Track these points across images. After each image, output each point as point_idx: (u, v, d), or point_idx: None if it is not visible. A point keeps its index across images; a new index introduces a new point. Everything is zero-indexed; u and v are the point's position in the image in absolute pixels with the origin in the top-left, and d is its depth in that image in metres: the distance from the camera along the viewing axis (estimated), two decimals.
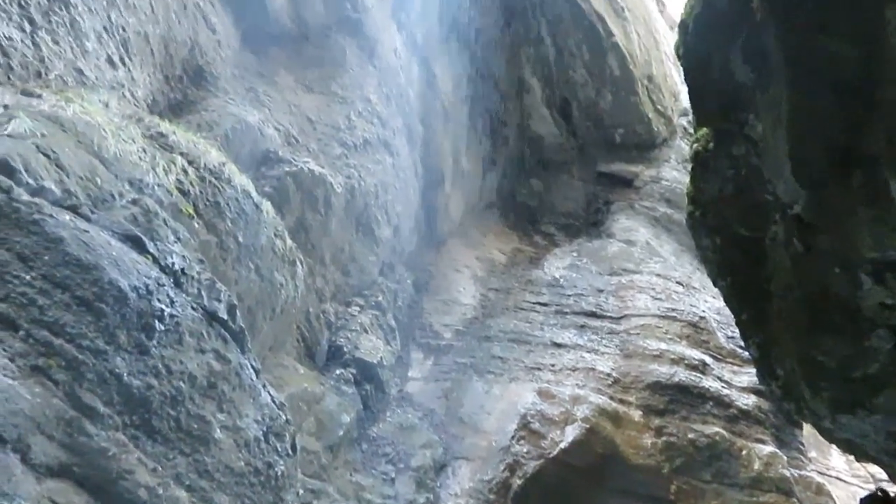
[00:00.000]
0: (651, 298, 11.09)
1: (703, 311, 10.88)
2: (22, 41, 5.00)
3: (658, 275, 11.82)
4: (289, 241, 6.98)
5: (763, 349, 5.13)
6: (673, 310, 10.81)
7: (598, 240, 13.14)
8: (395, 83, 10.38)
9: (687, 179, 5.43)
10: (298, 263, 7.15)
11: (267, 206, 6.59)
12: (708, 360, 10.01)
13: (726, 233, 4.95)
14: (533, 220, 14.44)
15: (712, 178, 4.82)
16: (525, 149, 15.12)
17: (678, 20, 4.61)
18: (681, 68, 4.85)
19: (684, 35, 4.27)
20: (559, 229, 14.15)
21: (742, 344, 6.96)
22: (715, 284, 5.56)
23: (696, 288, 11.69)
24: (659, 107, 15.30)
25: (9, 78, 4.89)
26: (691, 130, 9.83)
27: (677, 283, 11.78)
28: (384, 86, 10.02)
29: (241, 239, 6.02)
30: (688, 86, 4.65)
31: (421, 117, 11.20)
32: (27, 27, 5.01)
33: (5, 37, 4.84)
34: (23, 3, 5.02)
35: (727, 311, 5.96)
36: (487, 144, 13.74)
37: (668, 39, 16.19)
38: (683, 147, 14.62)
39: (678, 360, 9.80)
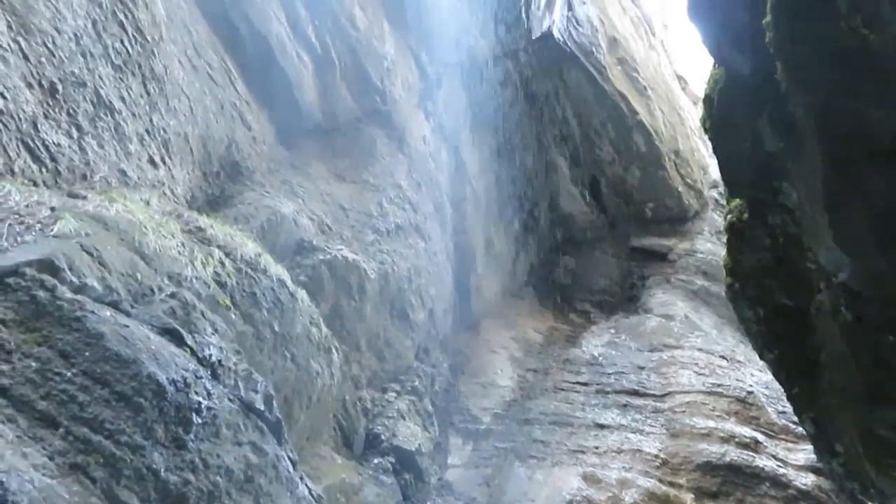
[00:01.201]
0: (695, 374, 10.76)
1: (751, 386, 10.50)
2: (69, 147, 5.25)
3: (700, 349, 11.51)
4: (324, 329, 6.98)
5: (819, 424, 4.88)
6: (719, 385, 10.45)
7: (636, 315, 12.93)
8: (425, 169, 10.60)
9: (722, 251, 5.36)
10: (334, 351, 7.13)
11: (302, 294, 6.64)
12: (760, 437, 9.57)
13: (769, 303, 4.82)
14: (568, 297, 14.31)
15: (749, 248, 4.75)
16: (556, 227, 15.17)
17: (701, 95, 4.66)
18: (708, 142, 4.87)
19: (710, 109, 4.30)
20: (595, 306, 13.99)
21: (796, 419, 6.65)
22: (761, 357, 5.37)
23: (740, 362, 11.33)
24: (688, 180, 15.34)
25: (56, 182, 5.11)
26: (723, 202, 9.76)
27: (721, 357, 11.44)
28: (414, 172, 10.23)
29: (277, 328, 6.04)
30: (717, 158, 4.65)
31: (451, 201, 11.36)
32: (75, 133, 5.27)
33: (54, 143, 5.09)
34: (71, 111, 5.30)
35: (776, 385, 5.73)
36: (518, 225, 13.83)
37: (693, 114, 16.40)
38: (716, 219, 14.54)
39: (728, 439, 9.39)
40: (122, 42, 5.92)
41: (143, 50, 6.17)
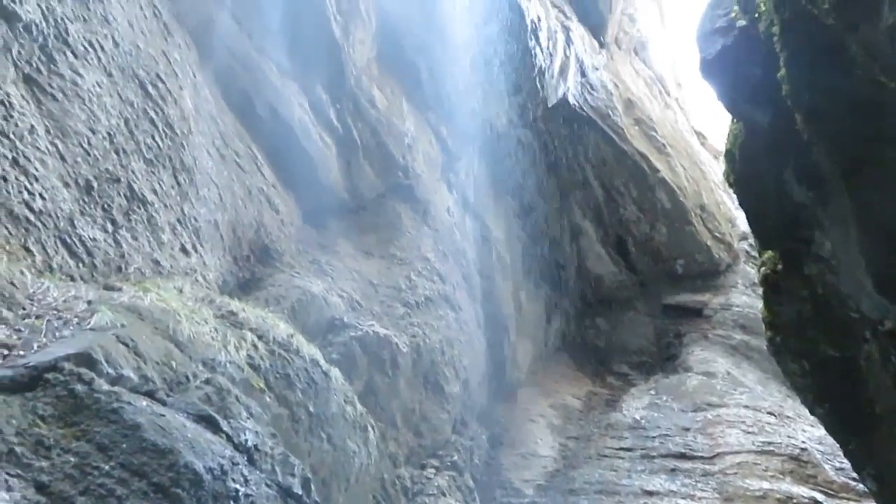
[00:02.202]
0: (743, 433, 10.37)
1: (804, 443, 10.06)
2: (105, 240, 5.40)
3: (746, 406, 11.13)
4: (359, 407, 6.91)
5: (882, 481, 4.64)
6: (769, 443, 10.03)
7: (676, 375, 12.61)
8: (451, 240, 10.67)
9: (759, 304, 5.25)
10: (370, 429, 7.02)
11: (335, 373, 6.61)
12: (819, 496, 9.09)
13: (814, 356, 4.67)
14: (604, 360, 14.05)
15: (787, 300, 4.64)
16: (586, 289, 15.05)
17: (721, 149, 4.67)
18: (733, 194, 4.85)
19: (732, 164, 4.30)
20: (632, 368, 13.69)
21: (855, 476, 6.33)
22: (812, 412, 5.17)
23: (790, 417, 10.91)
24: (716, 234, 15.22)
25: (93, 275, 5.23)
26: (754, 254, 9.61)
27: (768, 413, 11.04)
28: (440, 244, 10.30)
29: (311, 409, 5.99)
30: (745, 212, 4.61)
31: (479, 270, 11.37)
32: (110, 228, 5.42)
33: (90, 238, 5.24)
34: (106, 206, 5.48)
35: (831, 440, 5.49)
36: (547, 289, 13.75)
37: (715, 168, 16.41)
38: (749, 271, 14.32)
39: (786, 500, 8.94)
40: (153, 137, 6.15)
41: (173, 143, 6.41)
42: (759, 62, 3.33)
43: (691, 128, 19.13)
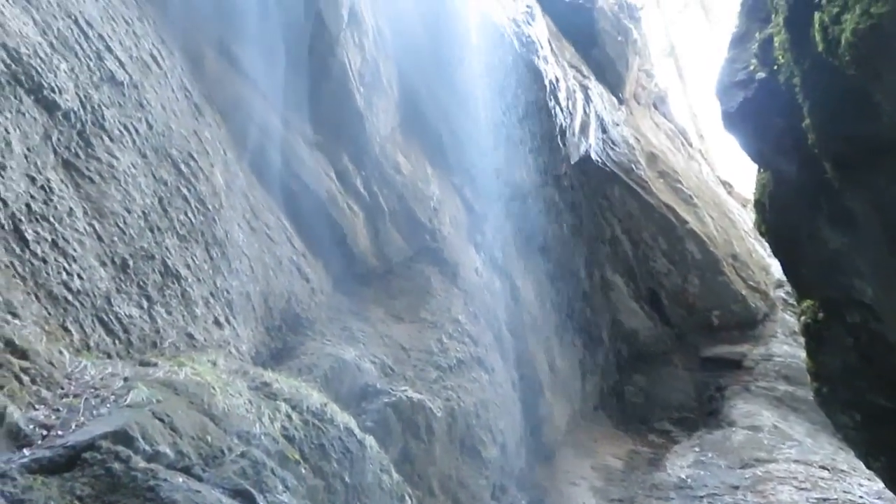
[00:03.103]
0: (795, 489, 9.91)
1: (861, 497, 9.58)
2: (140, 317, 5.47)
3: (797, 461, 10.68)
4: (395, 475, 6.77)
5: None
6: (825, 500, 9.57)
7: (720, 430, 12.19)
8: (481, 301, 10.63)
9: (801, 353, 5.11)
10: (407, 498, 6.86)
11: (370, 440, 6.52)
12: None
13: (864, 407, 4.49)
14: (644, 418, 13.66)
15: (831, 350, 4.50)
16: (620, 345, 14.79)
17: (749, 196, 4.64)
18: (765, 243, 4.78)
19: (762, 213, 4.25)
20: (674, 424, 13.28)
21: None
22: (868, 466, 4.94)
23: (844, 471, 10.42)
24: (751, 283, 14.95)
25: (129, 351, 5.29)
26: (792, 302, 9.38)
27: (821, 467, 10.57)
28: (470, 305, 10.26)
29: (347, 479, 5.89)
30: (779, 261, 4.53)
31: (510, 330, 11.27)
32: (145, 304, 5.51)
33: (126, 315, 5.33)
34: (141, 283, 5.58)
35: (890, 495, 5.21)
36: (581, 347, 13.54)
37: (744, 216, 16.26)
38: (788, 319, 13.97)
39: None
40: (185, 214, 6.31)
41: (205, 218, 6.55)
42: (781, 112, 3.33)
43: (717, 178, 19.09)
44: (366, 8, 8.88)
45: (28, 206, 4.63)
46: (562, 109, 12.64)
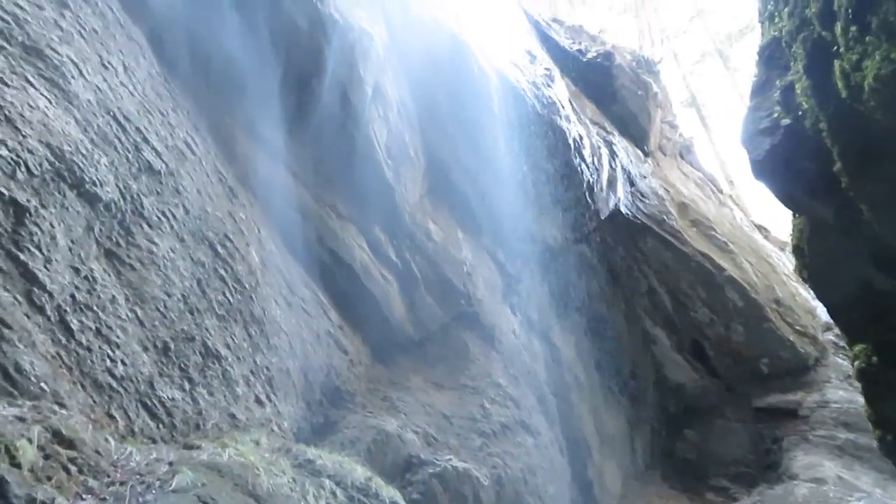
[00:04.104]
0: None
1: None
2: (183, 399, 5.51)
3: None
4: None
5: None
6: None
7: (780, 484, 11.64)
8: (520, 363, 10.49)
9: (858, 398, 4.90)
10: None
11: None
12: None
13: None
14: (699, 475, 13.12)
15: (889, 394, 4.30)
16: (667, 400, 14.37)
17: (785, 239, 4.56)
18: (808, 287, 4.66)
19: (802, 259, 4.16)
20: (731, 480, 12.73)
21: None
22: None
23: None
24: (798, 327, 14.52)
25: (173, 435, 5.30)
26: (842, 345, 9.06)
27: None
28: (510, 368, 10.13)
29: None
30: (825, 306, 4.41)
31: (553, 391, 11.06)
32: (187, 386, 5.55)
33: (169, 399, 5.36)
34: (182, 365, 5.64)
35: None
36: (627, 404, 13.20)
37: (784, 260, 15.95)
38: (841, 363, 13.47)
39: None
40: (223, 294, 6.41)
41: (243, 297, 6.65)
42: (811, 157, 3.30)
43: (751, 223, 18.85)
44: (389, 82, 9.15)
45: (73, 296, 4.75)
46: (588, 166, 12.71)
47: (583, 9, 32.35)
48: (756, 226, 18.93)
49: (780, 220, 17.03)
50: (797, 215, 4.05)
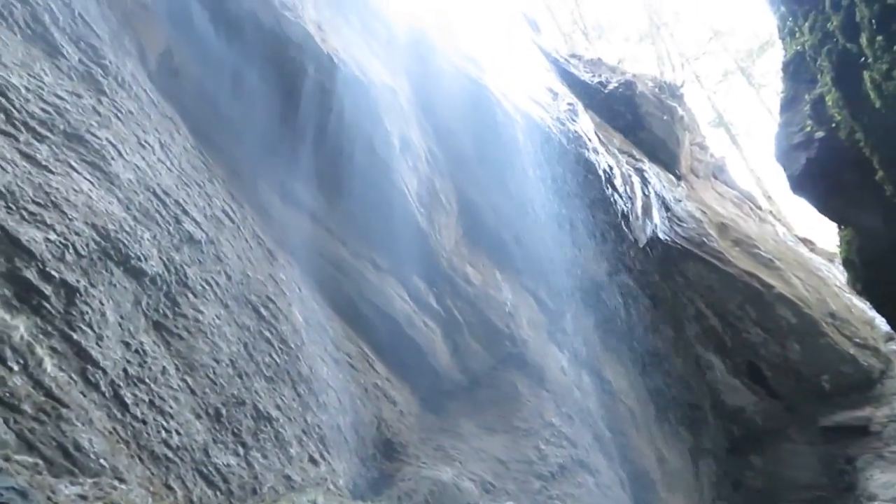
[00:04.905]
0: None
1: None
2: (238, 464, 5.52)
3: None
4: None
5: None
6: None
7: None
8: (572, 400, 10.30)
9: None
10: None
11: None
12: None
13: None
14: (770, 502, 12.58)
15: None
16: (728, 426, 13.90)
17: (832, 250, 4.43)
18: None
19: (854, 271, 4.03)
20: None
21: None
22: None
23: None
24: (857, 340, 13.99)
25: (230, 501, 5.30)
26: None
27: None
28: (562, 406, 9.95)
29: None
30: (885, 318, 4.24)
31: (609, 426, 10.80)
32: (241, 451, 5.57)
33: (224, 465, 5.38)
34: (235, 430, 5.67)
35: None
36: (686, 434, 12.80)
37: (834, 272, 15.51)
38: None
39: None
40: (270, 355, 6.47)
41: (289, 357, 6.70)
42: (850, 168, 3.23)
43: (795, 237, 18.43)
44: (415, 133, 9.30)
45: (125, 370, 4.85)
46: (620, 195, 12.64)
47: (599, 42, 32.65)
48: (800, 239, 18.49)
49: (825, 232, 16.63)
50: (842, 227, 3.94)
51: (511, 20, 16.67)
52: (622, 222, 12.62)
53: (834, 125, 3.11)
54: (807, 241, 18.36)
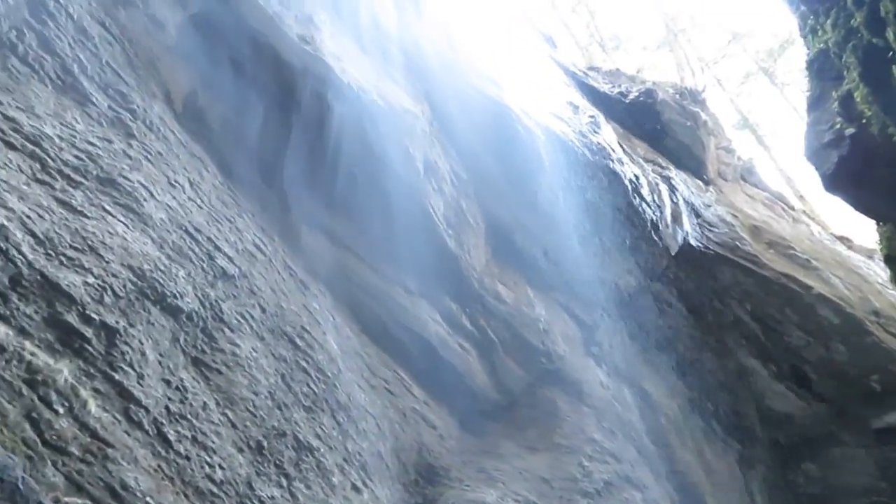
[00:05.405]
0: None
1: None
2: (282, 496, 5.52)
3: None
4: None
5: None
6: None
7: None
8: (613, 414, 10.15)
9: None
10: None
11: None
12: None
13: None
14: None
15: None
16: (777, 433, 13.56)
17: (874, 250, 4.32)
18: None
19: None
20: None
21: None
22: None
23: None
24: None
25: None
26: None
27: None
28: (603, 421, 9.81)
29: None
30: None
31: (653, 439, 10.61)
32: (284, 482, 5.57)
33: (269, 497, 5.38)
34: (277, 462, 5.68)
35: None
36: (734, 443, 12.52)
37: (874, 269, 15.14)
38: None
39: None
40: (308, 385, 6.49)
41: (327, 386, 6.72)
42: (886, 163, 3.16)
43: (831, 235, 18.05)
44: (438, 156, 9.35)
45: (167, 407, 4.90)
46: (648, 205, 12.53)
47: (616, 53, 32.64)
48: (837, 237, 18.10)
49: (863, 228, 16.26)
50: (881, 223, 3.84)
51: (526, 38, 16.76)
52: (652, 231, 12.49)
53: (864, 121, 3.05)
54: (844, 239, 17.97)
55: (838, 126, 3.35)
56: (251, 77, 7.51)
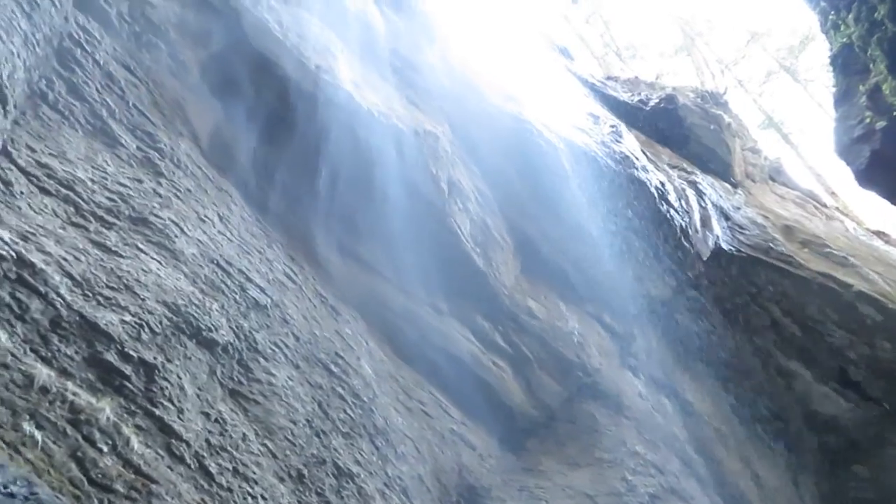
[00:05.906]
0: None
1: None
2: None
3: None
4: None
5: None
6: None
7: None
8: (654, 425, 9.97)
9: None
10: None
11: None
12: None
13: None
14: None
15: None
16: (824, 437, 13.19)
17: None
18: None
19: None
20: None
21: None
22: None
23: None
24: None
25: None
26: None
27: None
28: (644, 433, 9.64)
29: None
30: None
31: (696, 450, 10.39)
32: None
33: None
34: (318, 490, 5.69)
35: None
36: (782, 449, 12.21)
37: None
38: None
39: None
40: (344, 411, 6.51)
41: (363, 411, 6.72)
42: None
43: (867, 230, 17.66)
44: (462, 175, 9.37)
45: (208, 441, 4.94)
46: (676, 211, 12.39)
47: (634, 61, 32.54)
48: (874, 233, 17.70)
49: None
50: None
51: (542, 51, 16.81)
52: (682, 237, 12.33)
53: (895, 113, 2.99)
54: (881, 234, 17.57)
55: (868, 120, 3.29)
56: (274, 109, 7.62)
